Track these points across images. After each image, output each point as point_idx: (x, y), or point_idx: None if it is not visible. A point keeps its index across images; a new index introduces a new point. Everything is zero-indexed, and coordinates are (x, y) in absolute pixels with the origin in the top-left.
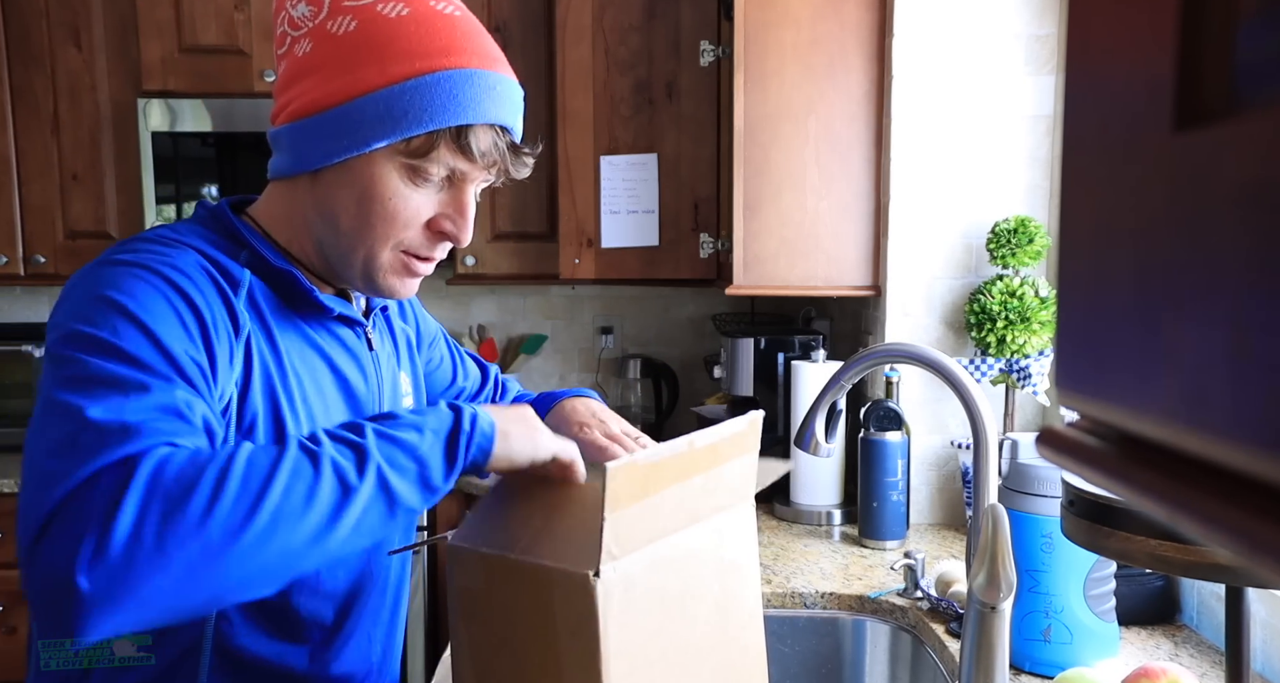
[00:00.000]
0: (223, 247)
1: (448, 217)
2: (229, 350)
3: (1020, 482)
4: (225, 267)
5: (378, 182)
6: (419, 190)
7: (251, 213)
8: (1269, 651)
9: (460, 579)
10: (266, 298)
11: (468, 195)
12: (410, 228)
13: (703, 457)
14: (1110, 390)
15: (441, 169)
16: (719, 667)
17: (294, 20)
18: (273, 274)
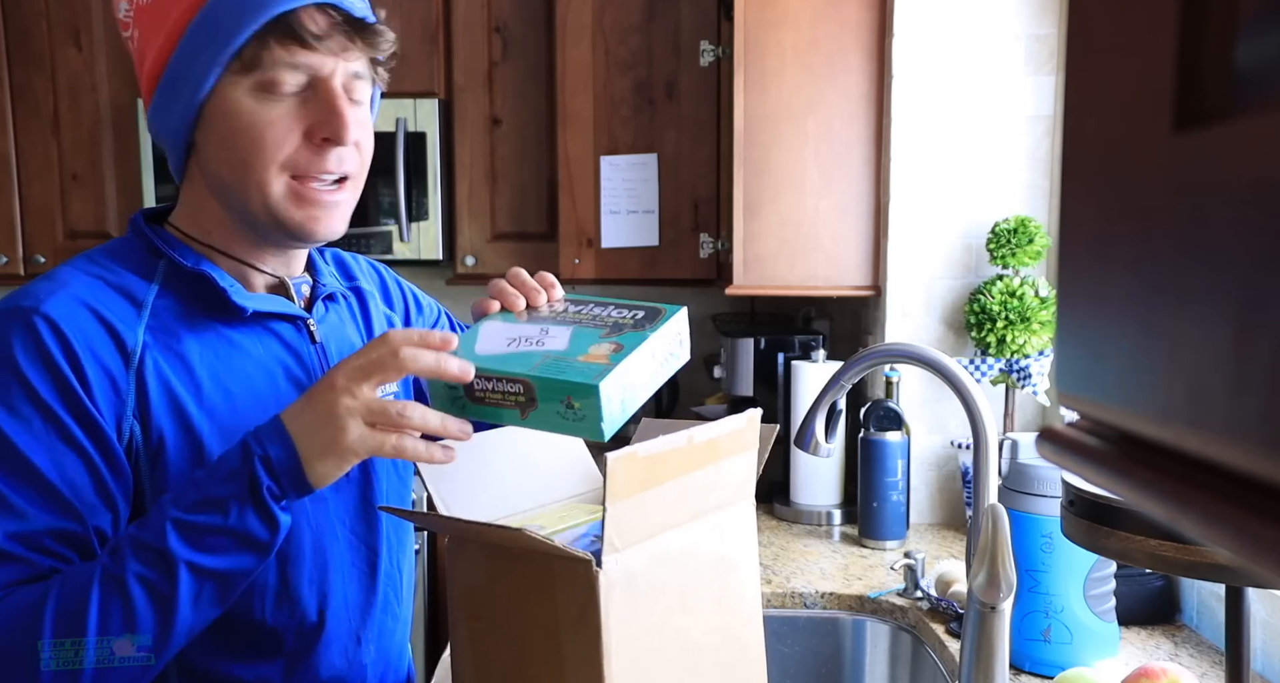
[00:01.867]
0: (136, 265)
1: (321, 121)
2: (109, 386)
3: (1020, 482)
4: (128, 290)
5: (233, 114)
6: (279, 103)
7: (172, 220)
8: (1269, 651)
9: (460, 574)
10: (179, 309)
11: (333, 89)
12: (284, 146)
13: (701, 452)
14: (1110, 390)
15: (288, 73)
16: (719, 663)
17: (122, 21)
18: (189, 280)
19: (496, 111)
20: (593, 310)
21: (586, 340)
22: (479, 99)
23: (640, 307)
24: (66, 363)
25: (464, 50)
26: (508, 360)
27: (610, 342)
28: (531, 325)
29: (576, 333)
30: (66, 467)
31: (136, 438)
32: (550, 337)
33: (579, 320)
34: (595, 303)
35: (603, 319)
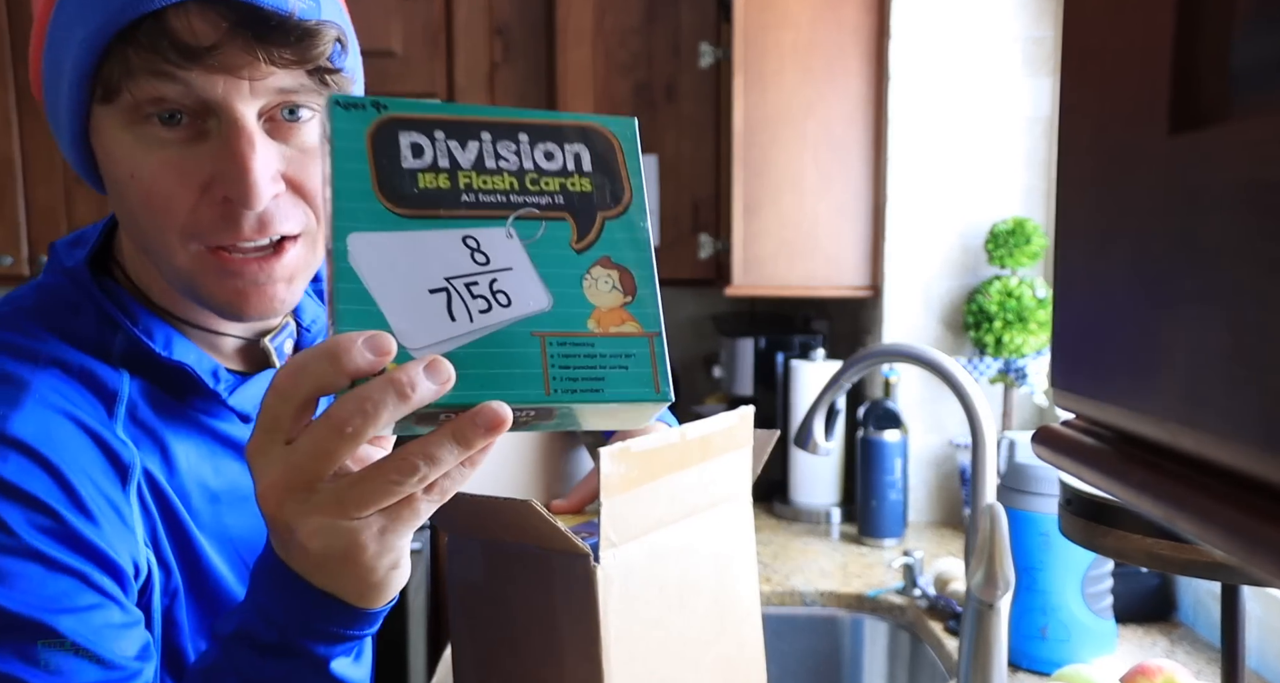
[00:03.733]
0: (90, 338)
1: (222, 172)
2: (116, 516)
3: (1018, 480)
4: (95, 379)
5: (114, 157)
6: (167, 148)
7: (119, 258)
8: (1264, 648)
9: (459, 572)
10: (155, 403)
11: (235, 130)
12: (176, 208)
13: (695, 448)
14: (1106, 390)
15: (162, 93)
16: (717, 660)
17: None
18: (160, 369)
19: None
20: (519, 165)
21: (562, 267)
22: (480, 101)
23: (577, 143)
24: (76, 511)
25: (465, 52)
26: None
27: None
28: (449, 231)
29: (537, 250)
30: (105, 637)
31: (152, 574)
32: (499, 258)
33: (511, 196)
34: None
35: (548, 187)
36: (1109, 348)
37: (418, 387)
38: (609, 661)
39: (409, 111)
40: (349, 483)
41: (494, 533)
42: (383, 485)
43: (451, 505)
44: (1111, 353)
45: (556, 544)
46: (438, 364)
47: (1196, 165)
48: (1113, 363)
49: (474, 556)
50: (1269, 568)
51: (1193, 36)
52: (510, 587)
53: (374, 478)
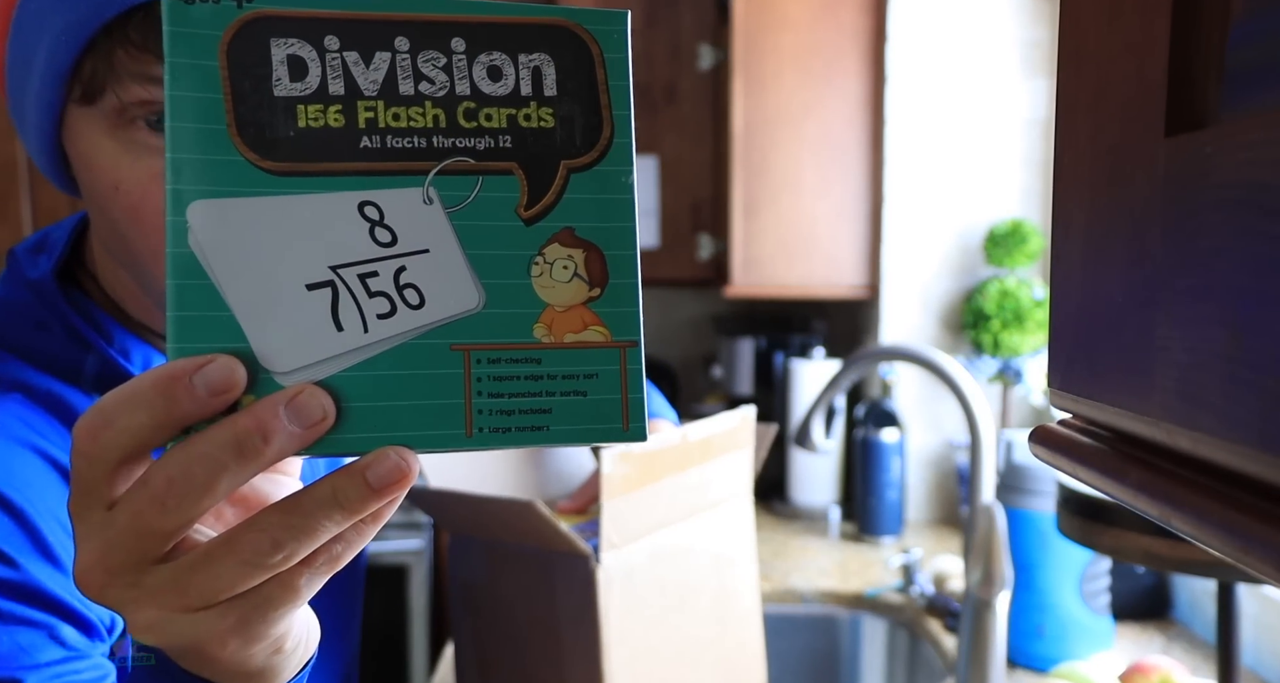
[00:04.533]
0: (58, 359)
1: None
2: None
3: (1016, 479)
4: (61, 405)
5: (94, 165)
6: (151, 153)
7: (91, 266)
8: (1259, 646)
9: (462, 572)
10: None
11: None
12: None
13: (696, 450)
14: (1102, 390)
15: (149, 93)
16: (717, 660)
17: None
18: None
19: None
20: (450, 89)
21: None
22: None
23: (538, 53)
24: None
25: None
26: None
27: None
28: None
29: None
30: None
31: None
32: (411, 236)
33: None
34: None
35: (489, 122)
36: (1105, 348)
37: (273, 436)
38: (609, 661)
39: (286, 6)
40: (189, 565)
41: (496, 533)
42: (236, 569)
43: (453, 506)
44: (1107, 353)
45: (558, 545)
46: (305, 400)
47: (1193, 166)
48: (1109, 363)
49: (476, 555)
50: (1264, 567)
51: (1189, 38)
52: (512, 587)
53: (223, 558)
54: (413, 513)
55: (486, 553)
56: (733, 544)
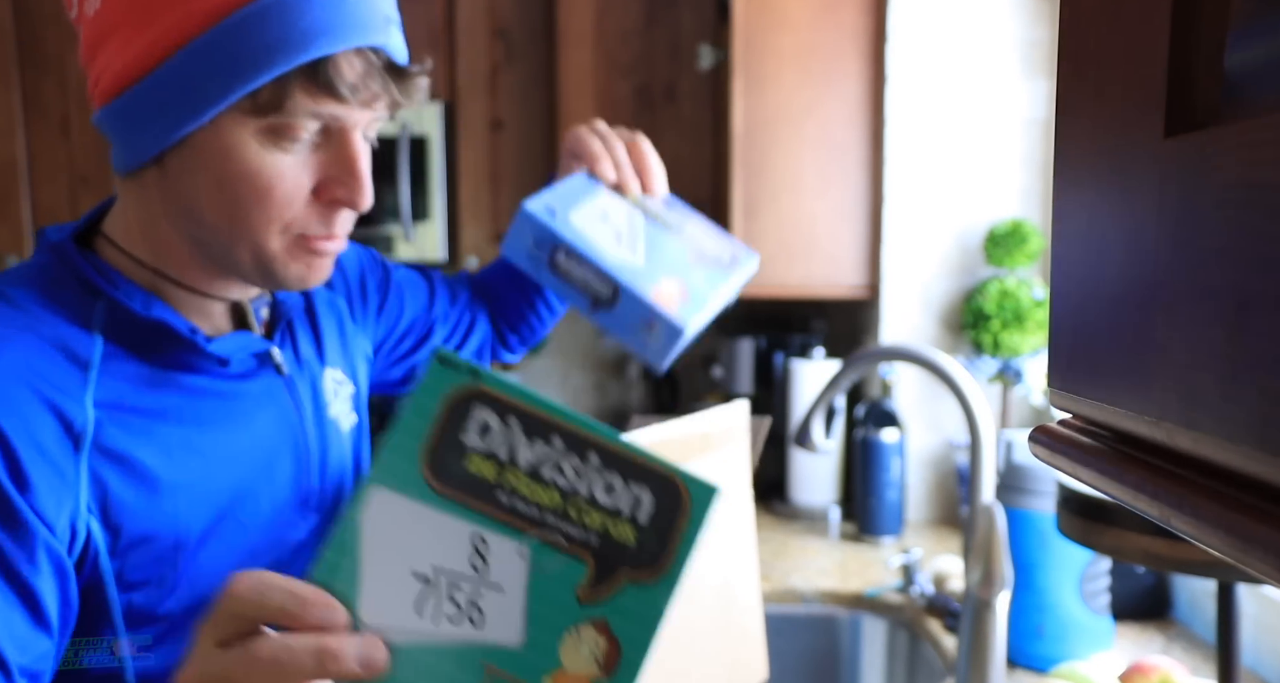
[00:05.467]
0: (69, 306)
1: (336, 179)
2: (56, 483)
3: (1016, 480)
4: (67, 346)
5: (234, 156)
6: (289, 155)
7: (108, 231)
8: (1259, 646)
9: None
10: (132, 367)
11: (354, 147)
12: (293, 204)
13: (696, 443)
14: (1103, 390)
15: (309, 121)
16: (721, 652)
17: None
18: (141, 329)
19: (499, 115)
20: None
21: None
22: (481, 102)
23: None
24: (9, 475)
25: (466, 54)
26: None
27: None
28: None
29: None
30: None
31: (93, 539)
32: (497, 573)
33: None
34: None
35: (590, 521)
36: (1105, 348)
37: (343, 658)
38: None
39: (498, 390)
40: None
41: None
42: None
43: None
44: (1107, 353)
45: None
46: (374, 650)
47: (1192, 167)
48: (1109, 363)
49: None
50: (1264, 566)
51: (1188, 39)
52: None
53: None
54: None
55: None
56: (734, 536)
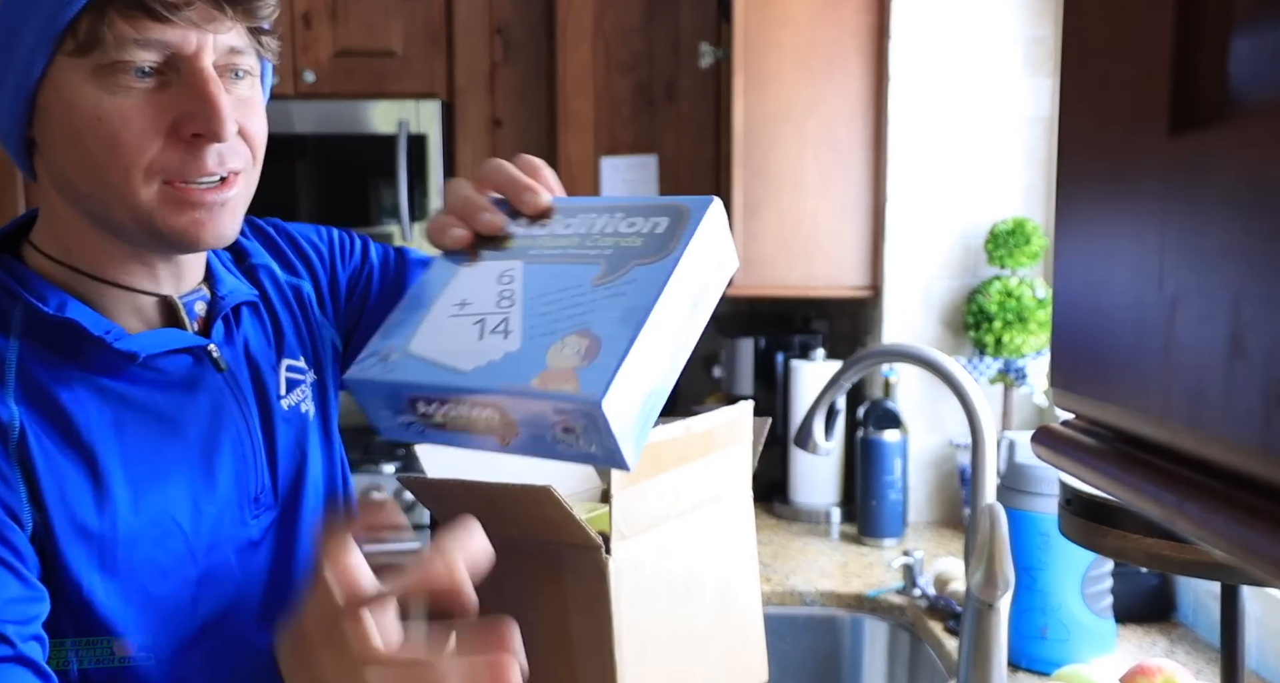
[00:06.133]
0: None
1: (190, 113)
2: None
3: (1018, 480)
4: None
5: (76, 107)
6: (131, 91)
7: (31, 235)
8: (1263, 648)
9: None
10: (50, 367)
11: (201, 73)
12: (146, 147)
13: (699, 442)
14: (1106, 390)
15: (139, 52)
16: (722, 652)
17: None
18: (51, 328)
19: (498, 113)
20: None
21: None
22: (480, 100)
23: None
24: None
25: (465, 52)
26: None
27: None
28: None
29: (557, 274)
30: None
31: (39, 528)
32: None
33: (566, 248)
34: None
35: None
36: (1109, 348)
37: None
38: (621, 652)
39: None
40: None
41: (502, 529)
42: None
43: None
44: (1111, 353)
45: (570, 535)
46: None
47: (1196, 165)
48: (1112, 363)
49: None
50: (1268, 568)
51: (1192, 37)
52: (519, 583)
53: None
54: (412, 513)
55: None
56: (734, 537)
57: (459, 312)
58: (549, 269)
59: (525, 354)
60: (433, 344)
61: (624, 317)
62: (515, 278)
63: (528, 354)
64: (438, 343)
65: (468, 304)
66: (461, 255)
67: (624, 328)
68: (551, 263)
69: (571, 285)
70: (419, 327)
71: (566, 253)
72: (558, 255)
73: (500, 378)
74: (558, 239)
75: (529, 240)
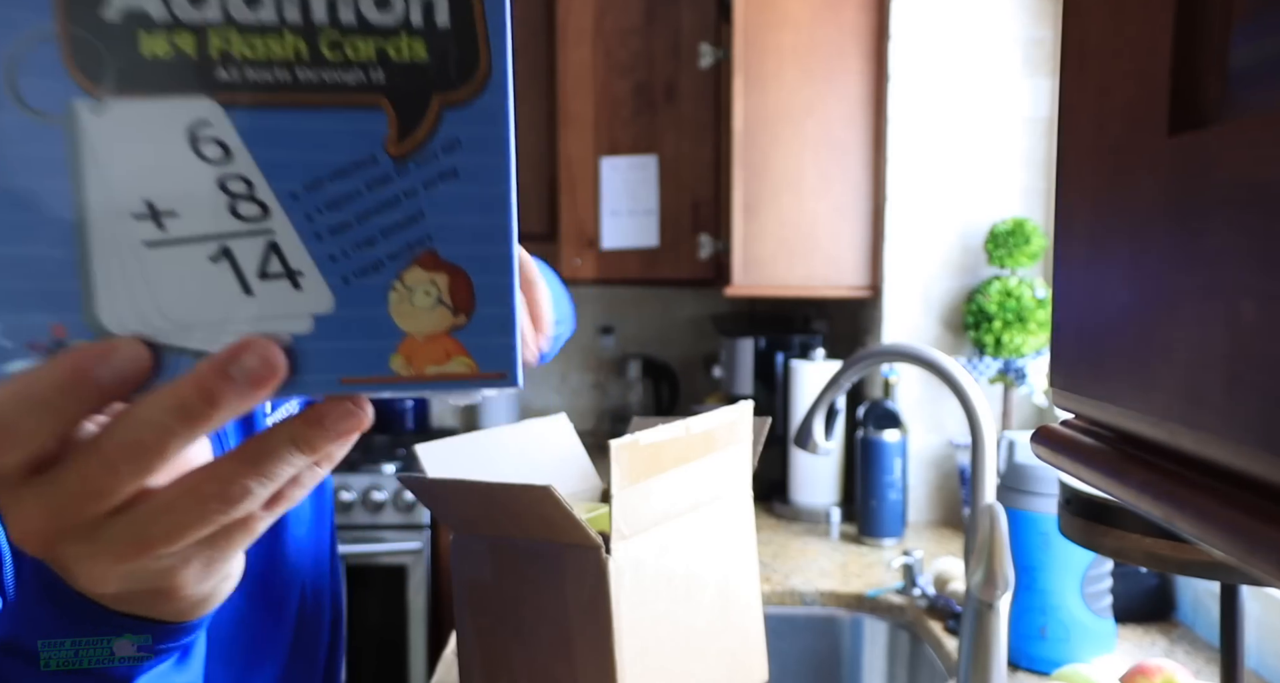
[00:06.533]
0: None
1: None
2: None
3: (1018, 480)
4: None
5: None
6: None
7: None
8: (1263, 648)
9: (466, 571)
10: None
11: None
12: None
13: (699, 442)
14: (1105, 390)
15: None
16: (722, 651)
17: None
18: None
19: None
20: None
21: None
22: None
23: None
24: None
25: None
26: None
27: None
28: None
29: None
30: None
31: None
32: None
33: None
34: None
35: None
36: (1108, 348)
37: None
38: (621, 652)
39: None
40: (149, 515)
41: (502, 528)
42: (200, 515)
43: (459, 497)
44: (1110, 353)
45: (569, 535)
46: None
47: (1196, 165)
48: (1112, 363)
49: (481, 554)
50: (1268, 568)
51: (1192, 37)
52: (520, 583)
53: (187, 507)
54: (411, 514)
55: (491, 550)
56: (734, 537)
57: (160, 234)
58: (287, 121)
59: (348, 314)
60: (145, 310)
61: (479, 219)
62: (229, 145)
63: (354, 313)
64: (153, 307)
65: (167, 213)
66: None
67: (486, 241)
68: (285, 108)
69: (353, 162)
70: (87, 271)
71: (298, 83)
72: (283, 87)
73: (330, 368)
74: (255, 39)
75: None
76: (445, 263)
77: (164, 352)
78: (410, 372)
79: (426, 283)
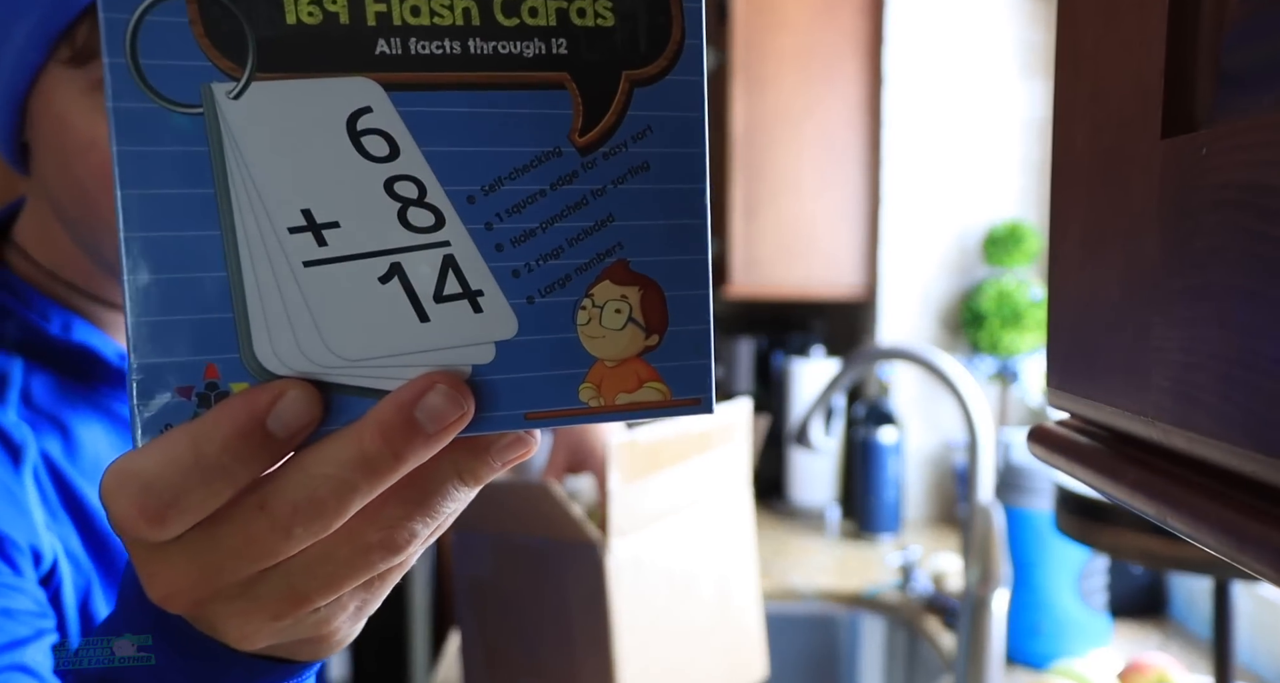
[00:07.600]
0: None
1: None
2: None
3: (1014, 479)
4: None
5: (68, 125)
6: None
7: (18, 238)
8: (1254, 644)
9: (467, 568)
10: (55, 387)
11: None
12: None
13: (696, 440)
14: (1099, 390)
15: None
16: (720, 647)
17: None
18: (57, 352)
19: None
20: None
21: None
22: None
23: None
24: None
25: None
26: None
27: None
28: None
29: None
30: None
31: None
32: None
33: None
34: None
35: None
36: (1102, 348)
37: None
38: (620, 648)
39: None
40: (308, 567)
41: (503, 526)
42: (366, 565)
43: None
44: (1105, 353)
45: (568, 532)
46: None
47: (1189, 168)
48: (1106, 363)
49: (482, 551)
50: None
51: (1185, 40)
52: (520, 579)
53: (351, 559)
54: None
55: (492, 547)
56: (732, 534)
57: (321, 251)
58: (461, 106)
59: (534, 340)
60: (309, 344)
61: (672, 220)
62: (395, 138)
63: (540, 339)
64: (316, 340)
65: (327, 224)
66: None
67: (680, 247)
68: (457, 89)
69: (536, 156)
70: (240, 297)
71: (469, 56)
72: (454, 63)
73: (514, 403)
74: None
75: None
76: (636, 275)
77: (331, 392)
78: (600, 403)
79: (617, 299)
